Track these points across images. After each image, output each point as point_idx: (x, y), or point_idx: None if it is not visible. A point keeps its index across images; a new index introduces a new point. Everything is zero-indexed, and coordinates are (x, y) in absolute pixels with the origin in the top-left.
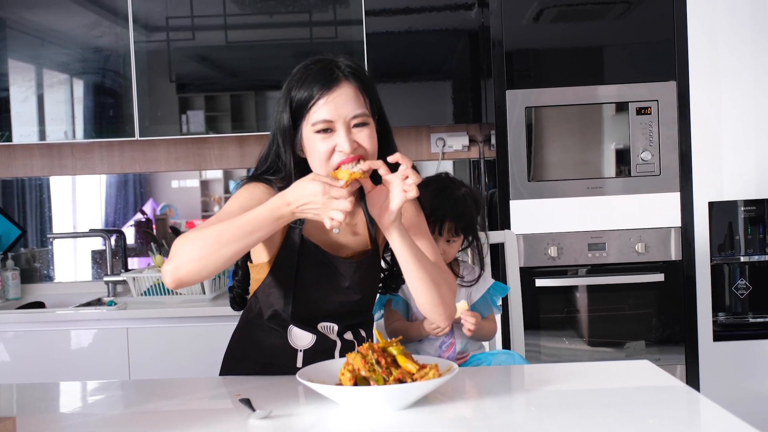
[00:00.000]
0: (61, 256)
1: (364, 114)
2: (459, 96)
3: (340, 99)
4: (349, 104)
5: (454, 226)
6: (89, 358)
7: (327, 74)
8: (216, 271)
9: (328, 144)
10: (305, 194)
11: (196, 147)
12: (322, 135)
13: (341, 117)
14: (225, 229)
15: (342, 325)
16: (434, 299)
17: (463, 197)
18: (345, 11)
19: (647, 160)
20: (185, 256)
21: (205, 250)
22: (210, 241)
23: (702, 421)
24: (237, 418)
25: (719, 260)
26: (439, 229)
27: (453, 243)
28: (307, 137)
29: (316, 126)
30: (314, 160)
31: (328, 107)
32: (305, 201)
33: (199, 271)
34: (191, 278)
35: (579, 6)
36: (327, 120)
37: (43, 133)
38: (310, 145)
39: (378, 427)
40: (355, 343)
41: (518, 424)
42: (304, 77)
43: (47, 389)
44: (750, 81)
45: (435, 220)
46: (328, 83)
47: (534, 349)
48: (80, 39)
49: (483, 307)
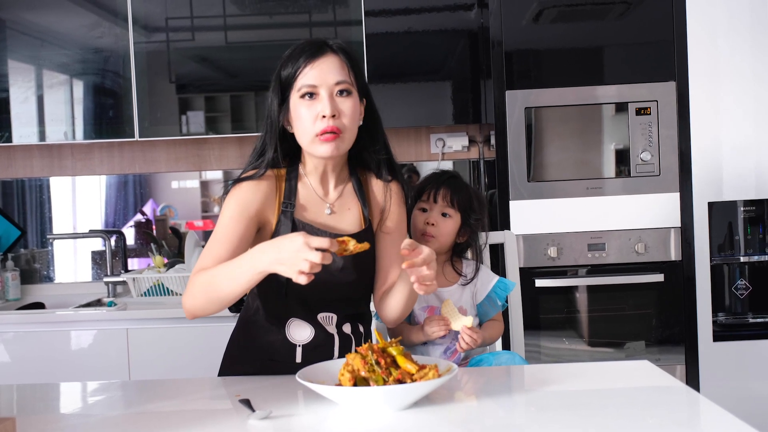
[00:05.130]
0: (61, 256)
1: (347, 82)
2: (458, 96)
3: (324, 65)
4: (333, 72)
5: (449, 194)
6: (89, 359)
7: (315, 46)
8: (222, 309)
9: (312, 110)
10: (284, 244)
11: (195, 147)
12: (307, 101)
13: (325, 82)
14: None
15: (341, 315)
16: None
17: (465, 184)
18: (344, 12)
19: (647, 160)
20: (190, 300)
21: (201, 301)
22: (203, 293)
23: (702, 422)
24: (237, 419)
25: (719, 260)
26: (434, 196)
27: (448, 218)
28: (294, 106)
29: (301, 91)
30: (299, 128)
31: (313, 72)
32: (283, 248)
33: (204, 312)
34: (202, 315)
35: (578, 6)
36: (311, 84)
37: (43, 133)
38: (296, 113)
39: (378, 427)
40: (352, 339)
41: (518, 424)
42: (291, 54)
43: (47, 390)
44: (750, 81)
45: (431, 188)
46: (315, 53)
47: (534, 349)
48: (80, 40)
49: (489, 306)
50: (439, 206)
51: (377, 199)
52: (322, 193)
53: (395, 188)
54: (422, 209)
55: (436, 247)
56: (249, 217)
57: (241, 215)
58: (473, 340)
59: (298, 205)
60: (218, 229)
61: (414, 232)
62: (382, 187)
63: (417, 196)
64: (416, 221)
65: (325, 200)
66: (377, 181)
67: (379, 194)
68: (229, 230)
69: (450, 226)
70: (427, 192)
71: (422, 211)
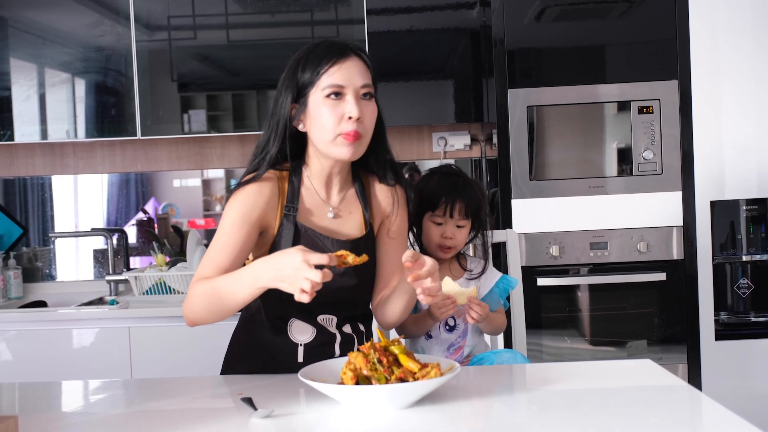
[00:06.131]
0: (62, 255)
1: (370, 86)
2: (461, 95)
3: (353, 68)
4: (359, 74)
5: (464, 208)
6: (91, 357)
7: (339, 47)
8: (222, 319)
9: (336, 110)
10: (284, 261)
11: (197, 146)
12: (332, 101)
13: (352, 84)
14: (212, 298)
15: (341, 317)
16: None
17: (470, 182)
18: (346, 10)
19: (649, 159)
20: (190, 309)
21: (200, 311)
22: (203, 304)
23: (704, 421)
24: (239, 417)
25: (721, 259)
26: (450, 211)
27: (462, 228)
28: (315, 105)
29: (326, 90)
30: (319, 127)
31: (341, 73)
32: (283, 266)
33: (205, 321)
34: (202, 324)
35: (581, 5)
36: (339, 84)
37: (44, 132)
38: (318, 112)
39: (380, 426)
40: (354, 337)
41: (520, 423)
42: (313, 53)
43: (49, 388)
44: (752, 80)
45: (446, 202)
46: (342, 53)
47: (536, 348)
48: (82, 38)
49: (491, 301)
50: (454, 220)
51: (380, 203)
52: (325, 197)
53: (401, 192)
54: (437, 222)
55: (452, 255)
56: (251, 222)
57: (243, 220)
58: (482, 309)
59: (302, 208)
60: (219, 236)
61: (428, 243)
62: (387, 192)
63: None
64: (431, 234)
65: (327, 204)
66: (381, 185)
67: (382, 198)
68: (230, 238)
69: (464, 234)
70: (442, 207)
71: (436, 224)
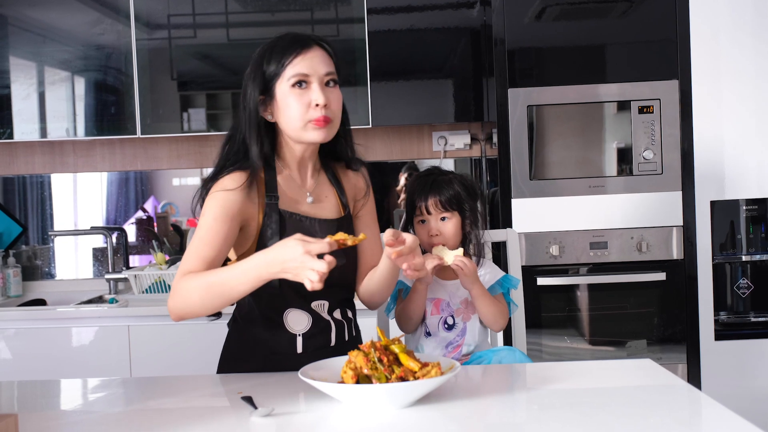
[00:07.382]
0: (62, 253)
1: (334, 73)
2: (461, 94)
3: (316, 57)
4: (322, 63)
5: (438, 201)
6: (90, 356)
7: (302, 38)
8: (215, 311)
9: (303, 99)
10: (286, 254)
11: (197, 145)
12: (298, 90)
13: (316, 72)
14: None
15: (332, 301)
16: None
17: (449, 179)
18: (347, 9)
19: (649, 158)
20: (179, 302)
21: (194, 304)
22: (199, 298)
23: (703, 420)
24: (239, 416)
25: (721, 259)
26: (426, 208)
27: (447, 220)
28: (282, 96)
29: (291, 80)
30: (288, 116)
31: (305, 62)
32: (286, 259)
33: (195, 315)
34: (189, 318)
35: (581, 4)
36: (304, 74)
37: (44, 130)
38: (285, 102)
39: (380, 425)
40: (344, 324)
41: (520, 422)
42: (277, 46)
43: (48, 386)
44: (752, 80)
45: (420, 200)
46: (305, 44)
47: (535, 347)
48: (82, 36)
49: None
50: (434, 215)
51: (353, 186)
52: (300, 182)
53: (367, 175)
54: (421, 221)
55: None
56: (233, 216)
57: (225, 215)
58: (465, 264)
59: (282, 196)
60: (201, 230)
61: (422, 245)
62: (357, 175)
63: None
64: (420, 235)
65: (304, 188)
66: (346, 170)
67: (355, 182)
68: (214, 231)
69: (452, 227)
70: (418, 206)
71: (422, 223)
